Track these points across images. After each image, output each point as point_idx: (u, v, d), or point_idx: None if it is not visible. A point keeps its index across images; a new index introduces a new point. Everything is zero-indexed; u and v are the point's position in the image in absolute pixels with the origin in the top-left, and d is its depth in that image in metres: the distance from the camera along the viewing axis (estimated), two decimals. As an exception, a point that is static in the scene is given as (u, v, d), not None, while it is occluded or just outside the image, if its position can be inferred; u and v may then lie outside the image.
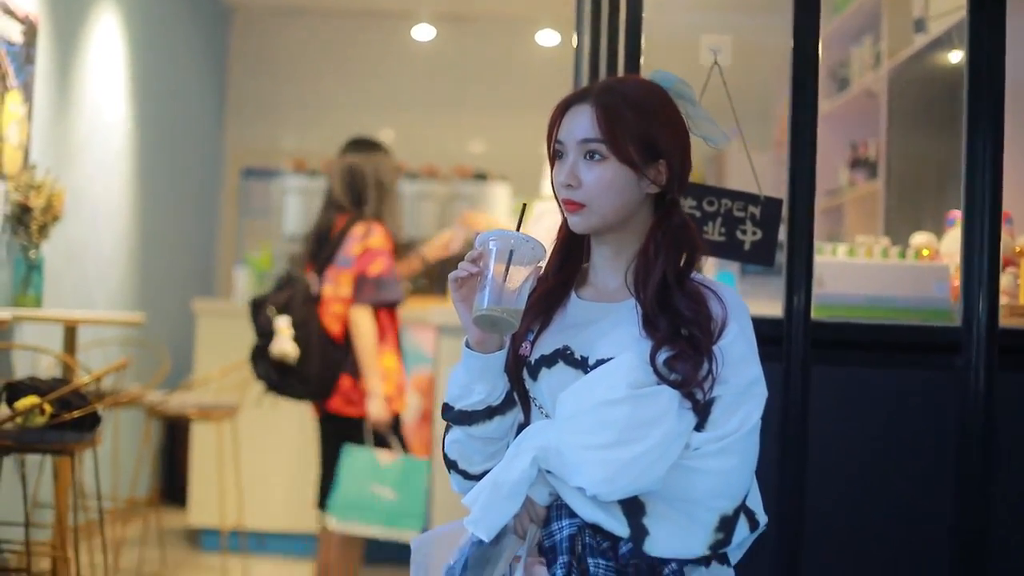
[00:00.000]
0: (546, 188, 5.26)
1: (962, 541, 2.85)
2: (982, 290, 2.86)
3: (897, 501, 2.92)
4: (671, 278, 2.08)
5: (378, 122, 8.42)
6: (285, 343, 4.51)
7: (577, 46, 3.83)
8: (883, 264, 3.87)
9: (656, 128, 2.09)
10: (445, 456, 2.21)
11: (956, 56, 5.06)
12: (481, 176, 7.74)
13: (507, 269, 2.01)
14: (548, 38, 8.55)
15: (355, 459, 4.57)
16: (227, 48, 8.70)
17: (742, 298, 2.14)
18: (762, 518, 2.10)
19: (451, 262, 6.96)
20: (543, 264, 2.11)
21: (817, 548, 2.83)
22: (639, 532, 2.00)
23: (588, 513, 2.02)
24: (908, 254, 4.14)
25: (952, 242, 4.09)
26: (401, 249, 5.04)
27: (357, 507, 4.55)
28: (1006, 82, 2.90)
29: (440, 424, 4.95)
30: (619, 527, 2.01)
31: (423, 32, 8.55)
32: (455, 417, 2.15)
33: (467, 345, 2.11)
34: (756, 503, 2.10)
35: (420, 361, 6.02)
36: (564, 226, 2.18)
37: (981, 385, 2.83)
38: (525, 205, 2.17)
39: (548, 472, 2.04)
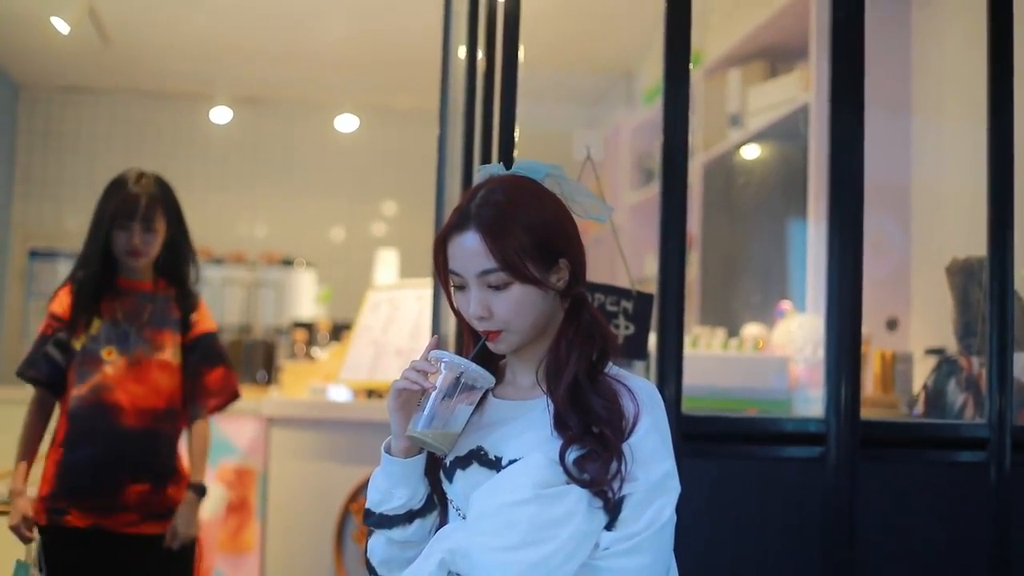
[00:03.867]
0: (379, 278, 5.23)
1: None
2: (843, 383, 2.91)
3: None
4: (582, 376, 2.06)
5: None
6: None
7: (440, 136, 3.81)
8: (725, 356, 3.94)
9: (545, 231, 2.06)
10: (367, 562, 2.16)
11: (770, 151, 5.24)
12: (288, 262, 7.65)
13: (456, 396, 2.01)
14: (347, 123, 8.54)
15: None
16: (15, 126, 8.40)
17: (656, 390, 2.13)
18: None
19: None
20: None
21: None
22: (548, 636, 1.95)
23: (498, 616, 1.97)
24: (739, 344, 4.23)
25: (783, 333, 4.20)
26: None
27: None
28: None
29: (274, 516, 4.87)
30: (528, 630, 1.96)
31: (220, 115, 8.44)
32: (376, 522, 2.11)
33: (387, 450, 2.08)
34: None
35: (225, 452, 5.86)
36: (475, 339, 2.14)
37: (844, 476, 2.88)
38: (481, 340, 2.11)
39: (457, 575, 1.99)
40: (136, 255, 3.64)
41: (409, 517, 2.09)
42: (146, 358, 3.62)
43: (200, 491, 3.68)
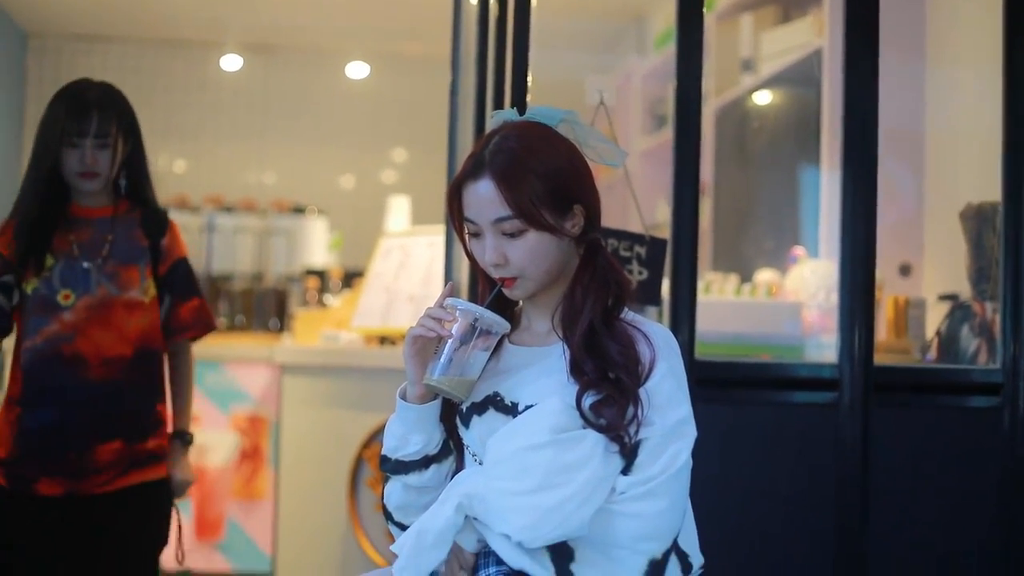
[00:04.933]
0: (391, 225, 5.23)
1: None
2: (857, 328, 2.92)
3: (778, 537, 2.96)
4: (598, 321, 2.06)
5: (180, 151, 8.24)
6: None
7: (452, 83, 3.80)
8: (738, 302, 3.94)
9: (560, 177, 2.06)
10: (384, 508, 2.18)
11: (783, 96, 5.22)
12: (299, 210, 7.63)
13: (471, 343, 2.01)
14: (358, 70, 8.50)
15: None
16: (24, 74, 8.37)
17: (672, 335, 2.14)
18: (696, 559, 2.09)
19: (247, 296, 6.81)
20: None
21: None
22: (565, 578, 1.97)
23: (514, 560, 1.98)
24: (752, 290, 4.23)
25: (796, 279, 4.20)
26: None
27: None
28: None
29: (287, 463, 4.90)
30: (545, 574, 1.97)
31: (231, 62, 8.41)
32: (393, 468, 2.12)
33: (402, 397, 2.09)
34: (691, 544, 2.09)
35: (238, 399, 5.88)
36: (490, 286, 2.14)
37: (857, 421, 2.89)
38: (497, 287, 2.11)
39: (475, 519, 2.01)
40: (90, 176, 3.09)
41: (425, 463, 2.10)
42: (111, 298, 3.10)
43: (184, 439, 3.28)
